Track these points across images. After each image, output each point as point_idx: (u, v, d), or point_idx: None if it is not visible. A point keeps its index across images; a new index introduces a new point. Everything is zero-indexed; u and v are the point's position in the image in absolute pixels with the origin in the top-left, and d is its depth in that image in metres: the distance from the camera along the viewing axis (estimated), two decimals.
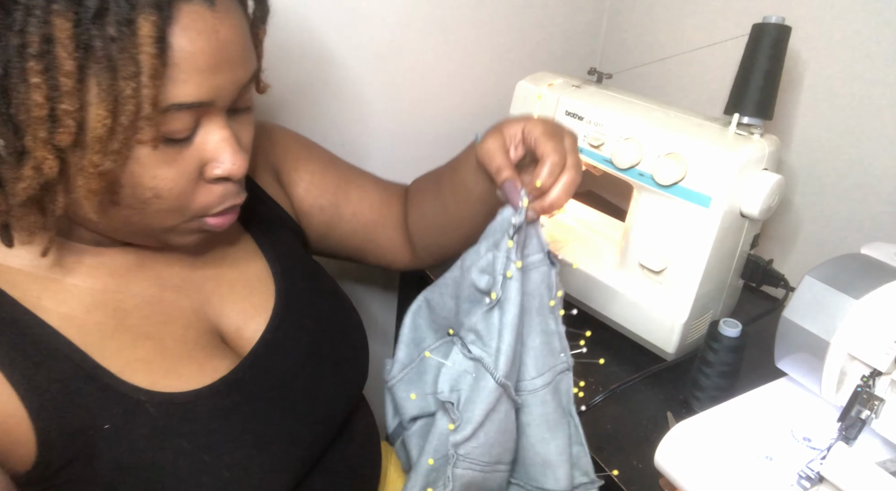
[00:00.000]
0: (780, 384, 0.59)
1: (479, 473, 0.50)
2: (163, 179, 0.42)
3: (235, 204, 0.48)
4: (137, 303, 0.49)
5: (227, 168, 0.44)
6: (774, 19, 0.63)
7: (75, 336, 0.44)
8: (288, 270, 0.59)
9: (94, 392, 0.43)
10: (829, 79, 0.77)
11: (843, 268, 0.51)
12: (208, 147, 0.44)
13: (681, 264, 0.68)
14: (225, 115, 0.44)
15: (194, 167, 0.44)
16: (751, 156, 0.62)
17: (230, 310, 0.54)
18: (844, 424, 0.47)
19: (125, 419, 0.43)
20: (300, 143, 0.69)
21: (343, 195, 0.69)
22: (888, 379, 0.46)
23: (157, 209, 0.43)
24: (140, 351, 0.46)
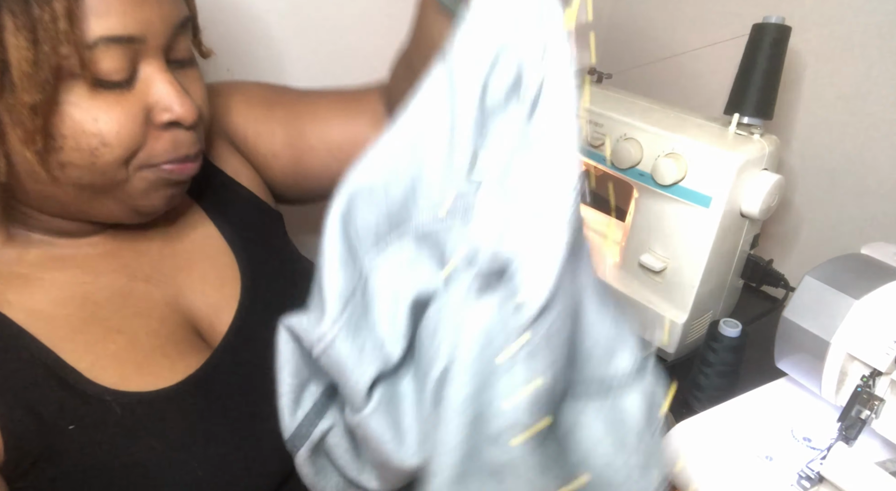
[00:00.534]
0: (780, 384, 0.59)
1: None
2: (106, 123, 0.40)
3: (189, 154, 0.46)
4: (108, 295, 0.47)
5: (177, 112, 0.43)
6: (774, 19, 0.63)
7: (42, 332, 0.43)
8: (254, 258, 0.57)
9: (59, 392, 0.42)
10: (829, 79, 0.77)
11: (843, 268, 0.51)
12: (151, 91, 0.42)
13: (681, 264, 0.68)
14: (163, 60, 0.43)
15: (138, 111, 0.42)
16: (751, 156, 0.62)
17: (202, 302, 0.53)
18: (844, 424, 0.47)
19: (90, 420, 0.42)
20: (239, 91, 0.62)
21: (303, 123, 0.61)
22: (888, 379, 0.46)
23: (107, 161, 0.41)
24: (111, 346, 0.45)
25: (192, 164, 0.47)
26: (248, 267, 0.56)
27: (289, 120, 0.62)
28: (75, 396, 0.43)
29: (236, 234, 0.57)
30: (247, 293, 0.54)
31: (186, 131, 0.45)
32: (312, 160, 0.62)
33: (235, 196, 0.59)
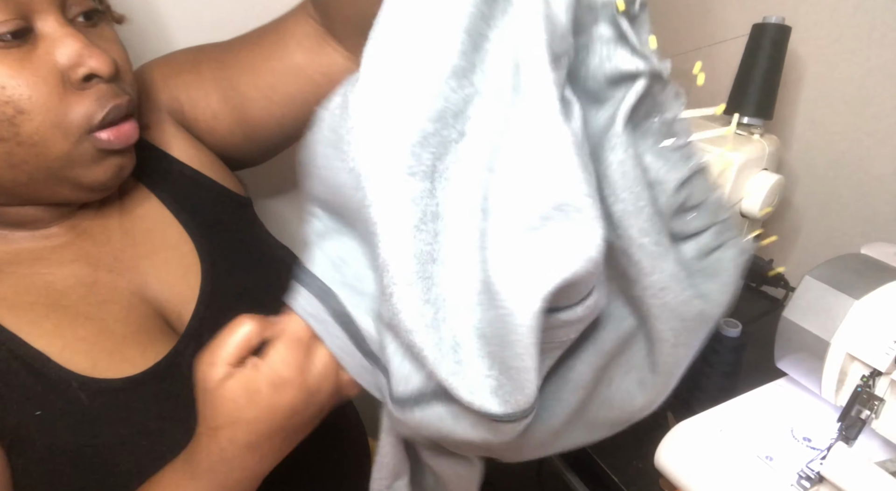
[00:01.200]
0: (780, 384, 0.59)
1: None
2: (15, 88, 0.39)
3: (118, 105, 0.44)
4: (71, 284, 0.47)
5: (91, 65, 0.41)
6: (774, 19, 0.63)
7: (6, 318, 0.43)
8: (216, 246, 0.56)
9: (24, 377, 0.42)
10: (829, 79, 0.77)
11: (843, 268, 0.51)
12: (57, 48, 0.41)
13: None
14: (59, 13, 0.41)
15: (48, 72, 0.40)
16: (751, 156, 0.63)
17: (168, 292, 0.52)
18: (844, 424, 0.47)
19: (56, 406, 0.42)
20: (162, 63, 0.59)
21: (233, 73, 0.57)
22: (888, 379, 0.46)
23: (31, 131, 0.40)
24: (80, 331, 0.45)
25: (127, 125, 0.45)
26: (209, 254, 0.55)
27: (217, 76, 0.57)
28: (41, 382, 0.42)
29: (195, 222, 0.55)
30: (208, 281, 0.53)
31: (108, 84, 0.43)
32: (253, 110, 0.57)
33: (194, 184, 0.57)
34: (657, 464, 0.53)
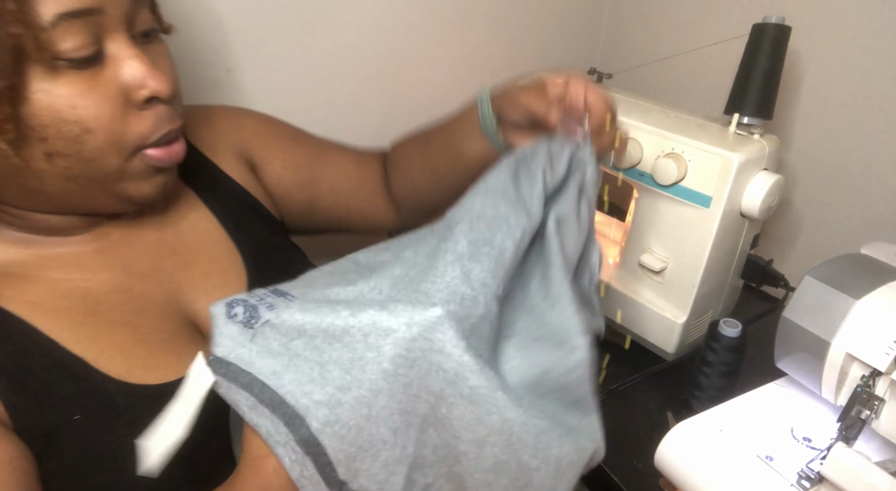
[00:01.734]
0: (780, 384, 0.59)
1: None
2: (84, 108, 0.40)
3: (172, 129, 0.46)
4: (106, 290, 0.47)
5: (153, 87, 0.43)
6: (774, 19, 0.63)
7: (43, 324, 0.43)
8: (259, 257, 0.57)
9: (64, 382, 0.42)
10: (829, 79, 0.77)
11: (843, 268, 0.51)
12: (123, 69, 0.42)
13: (681, 264, 0.68)
14: (127, 34, 0.43)
15: (115, 92, 0.42)
16: (751, 156, 0.62)
17: (205, 301, 0.52)
18: (844, 424, 0.47)
19: (95, 411, 0.42)
20: (267, 121, 0.67)
21: (319, 169, 0.67)
22: (888, 379, 0.46)
23: (92, 148, 0.41)
24: (116, 337, 0.45)
25: (177, 145, 0.47)
26: (255, 265, 0.56)
27: (313, 159, 0.67)
28: (80, 387, 0.43)
29: (241, 233, 0.57)
30: (252, 286, 0.54)
31: (166, 106, 0.45)
32: (324, 200, 0.68)
33: (243, 203, 0.60)
34: (657, 464, 0.53)
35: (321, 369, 0.36)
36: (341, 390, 0.35)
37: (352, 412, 0.35)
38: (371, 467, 0.36)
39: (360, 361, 0.36)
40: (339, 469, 0.35)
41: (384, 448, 0.36)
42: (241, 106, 0.68)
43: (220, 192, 0.59)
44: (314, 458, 0.35)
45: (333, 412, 0.35)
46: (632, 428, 0.64)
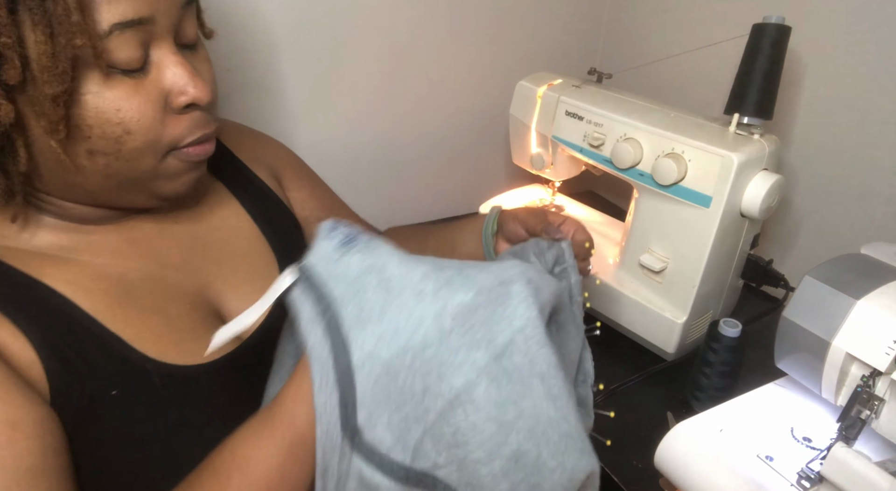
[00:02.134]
0: (780, 384, 0.59)
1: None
2: (128, 111, 0.42)
3: (206, 133, 0.48)
4: (139, 277, 0.49)
5: (193, 94, 0.45)
6: (774, 19, 0.63)
7: (83, 301, 0.45)
8: (292, 255, 0.59)
9: (102, 356, 0.44)
10: (829, 79, 0.77)
11: (843, 268, 0.51)
12: (166, 75, 0.44)
13: (681, 264, 0.68)
14: (173, 42, 0.44)
15: (157, 97, 0.44)
16: (751, 156, 0.62)
17: (233, 294, 0.54)
18: (844, 424, 0.47)
19: (132, 387, 0.44)
20: (300, 161, 0.71)
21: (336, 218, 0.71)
22: (888, 379, 0.46)
23: (131, 148, 0.43)
24: (149, 322, 0.47)
25: (208, 144, 0.49)
26: (287, 262, 0.58)
27: (325, 208, 0.70)
28: (118, 363, 0.44)
29: (273, 231, 0.60)
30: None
31: (202, 112, 0.47)
32: None
33: (274, 204, 0.63)
34: (657, 464, 0.53)
35: (382, 309, 0.37)
36: (393, 334, 0.36)
37: (395, 357, 0.36)
38: (391, 419, 0.36)
39: (420, 312, 0.36)
40: (361, 412, 0.35)
41: (410, 402, 0.36)
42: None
43: (253, 192, 0.61)
44: (342, 392, 0.35)
45: (377, 350, 0.36)
46: (632, 428, 0.64)
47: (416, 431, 0.36)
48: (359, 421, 0.36)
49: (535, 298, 0.38)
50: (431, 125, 0.99)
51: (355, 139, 0.92)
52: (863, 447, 0.49)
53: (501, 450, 0.36)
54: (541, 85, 0.81)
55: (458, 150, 1.04)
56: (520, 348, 0.36)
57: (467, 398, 0.36)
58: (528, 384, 0.36)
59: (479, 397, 0.35)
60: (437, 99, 0.97)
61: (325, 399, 0.36)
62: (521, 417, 0.36)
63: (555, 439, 0.37)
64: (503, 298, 0.37)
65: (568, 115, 0.76)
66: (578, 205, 0.95)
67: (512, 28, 0.98)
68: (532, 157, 0.86)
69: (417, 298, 0.37)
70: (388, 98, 0.92)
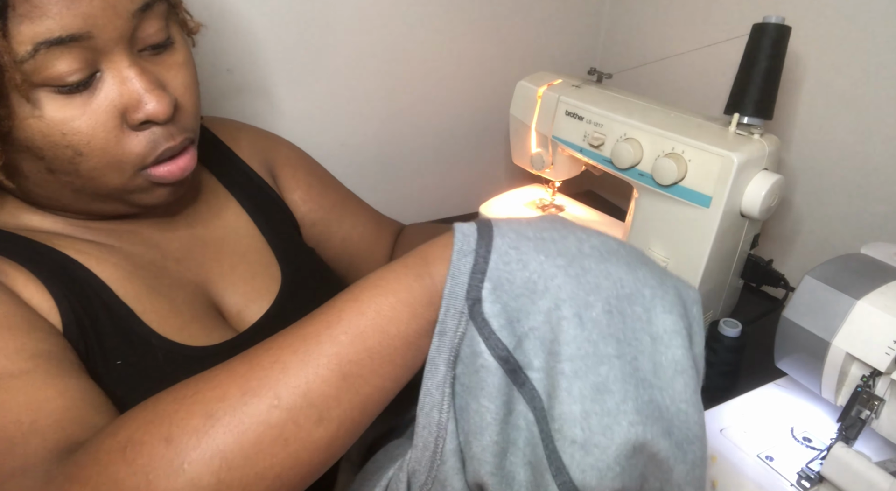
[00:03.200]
0: (780, 384, 0.59)
1: None
2: (74, 134, 0.39)
3: (171, 147, 0.44)
4: (144, 263, 0.49)
5: (148, 110, 0.41)
6: (774, 19, 0.63)
7: (97, 269, 0.45)
8: (291, 254, 0.59)
9: (111, 325, 0.43)
10: (829, 79, 0.77)
11: (843, 268, 0.51)
12: (117, 90, 0.40)
13: (681, 264, 0.68)
14: (128, 53, 0.41)
15: (108, 116, 0.40)
16: (751, 156, 0.62)
17: (232, 291, 0.54)
18: (844, 424, 0.47)
19: (135, 359, 0.43)
20: (302, 156, 0.70)
21: (337, 217, 0.69)
22: (888, 379, 0.46)
23: (89, 168, 0.41)
24: (155, 302, 0.47)
25: (183, 159, 0.46)
26: (286, 260, 0.58)
27: (335, 206, 0.69)
28: (125, 333, 0.44)
29: (271, 230, 0.60)
30: (287, 287, 0.56)
31: (164, 127, 0.43)
32: (331, 248, 0.69)
33: (270, 200, 0.63)
34: None
35: (538, 228, 0.37)
36: (539, 235, 0.36)
37: (531, 250, 0.35)
38: (508, 303, 0.35)
39: (576, 238, 0.37)
40: (487, 284, 0.35)
41: (528, 296, 0.35)
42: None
43: (251, 191, 0.61)
44: (476, 259, 0.35)
45: (518, 240, 0.36)
46: None
47: (525, 325, 0.35)
48: (483, 292, 0.35)
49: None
50: (431, 125, 0.99)
51: (355, 139, 0.92)
52: (863, 447, 0.49)
53: (587, 376, 0.35)
54: (541, 85, 0.81)
55: (458, 150, 1.04)
56: (646, 306, 0.37)
57: (578, 314, 0.35)
58: (638, 336, 0.36)
59: (588, 319, 0.35)
60: (437, 99, 0.97)
61: (460, 259, 0.35)
62: (619, 358, 0.35)
63: (642, 397, 0.36)
64: (664, 289, 0.37)
65: (568, 115, 0.76)
66: (578, 205, 0.95)
67: (512, 28, 0.98)
68: (532, 157, 0.86)
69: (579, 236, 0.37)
70: (387, 98, 0.92)
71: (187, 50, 0.46)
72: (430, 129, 0.99)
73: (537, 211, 0.91)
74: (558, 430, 0.34)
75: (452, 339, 0.35)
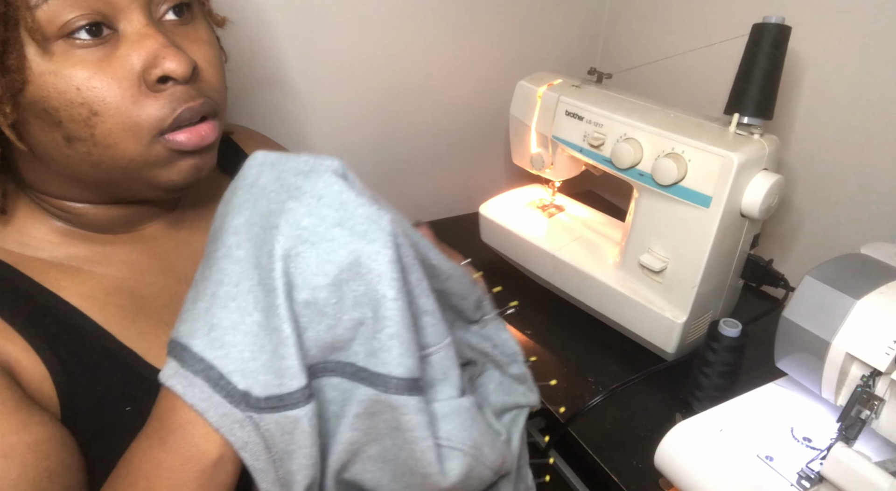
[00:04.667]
0: (780, 384, 0.59)
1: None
2: (89, 90, 0.39)
3: (190, 106, 0.43)
4: (154, 292, 0.48)
5: (166, 66, 0.40)
6: (774, 19, 0.63)
7: (98, 316, 0.44)
8: None
9: (116, 371, 0.43)
10: (829, 79, 0.77)
11: (843, 268, 0.51)
12: (134, 49, 0.40)
13: (681, 264, 0.68)
14: (146, 13, 0.41)
15: (125, 74, 0.40)
16: (751, 156, 0.62)
17: None
18: (844, 424, 0.47)
19: (145, 402, 0.43)
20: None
21: None
22: (888, 379, 0.46)
23: (103, 131, 0.40)
24: (163, 337, 0.46)
25: (204, 126, 0.44)
26: None
27: None
28: (132, 378, 0.43)
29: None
30: None
31: (183, 87, 0.43)
32: None
33: None
34: (657, 464, 0.53)
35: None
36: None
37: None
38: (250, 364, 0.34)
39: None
40: (234, 378, 0.33)
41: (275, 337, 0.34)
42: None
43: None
44: (205, 375, 0.33)
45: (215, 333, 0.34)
46: (632, 428, 0.64)
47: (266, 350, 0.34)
48: (239, 387, 0.33)
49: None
50: (431, 125, 0.99)
51: (355, 139, 0.92)
52: (863, 447, 0.49)
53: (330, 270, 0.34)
54: (541, 85, 0.81)
55: (458, 150, 1.04)
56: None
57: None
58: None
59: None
60: (437, 99, 0.97)
61: (203, 398, 0.34)
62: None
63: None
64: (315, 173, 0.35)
65: (568, 115, 0.76)
66: (578, 205, 0.95)
67: (512, 28, 0.98)
68: (532, 157, 0.86)
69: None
70: (387, 98, 0.92)
71: (211, 32, 0.46)
72: (430, 128, 0.99)
73: (537, 211, 0.91)
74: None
75: (257, 447, 0.34)
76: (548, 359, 0.74)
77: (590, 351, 0.75)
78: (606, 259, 0.79)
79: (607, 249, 0.82)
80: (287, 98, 0.84)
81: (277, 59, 0.80)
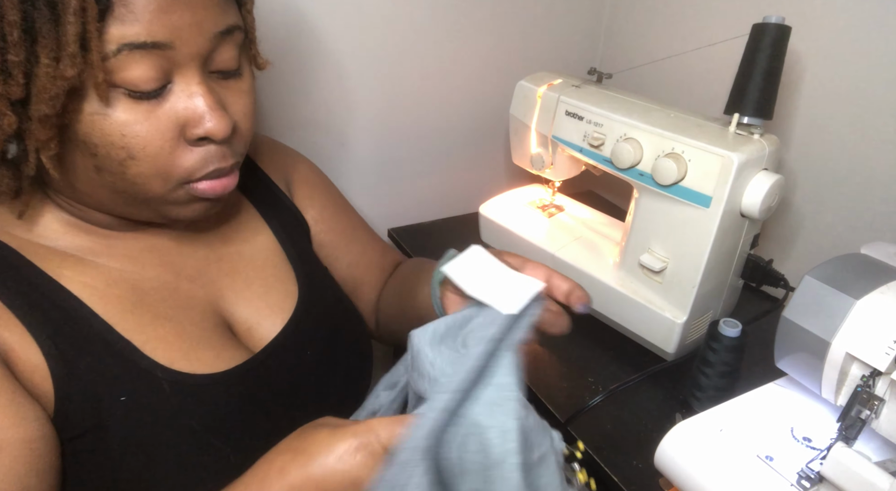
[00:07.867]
0: (780, 384, 0.59)
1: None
2: (133, 137, 0.40)
3: (221, 167, 0.46)
4: (154, 286, 0.49)
5: (208, 127, 0.42)
6: (774, 19, 0.63)
7: (97, 305, 0.45)
8: (309, 273, 0.59)
9: (113, 361, 0.44)
10: (829, 79, 0.77)
11: (843, 268, 0.51)
12: (182, 104, 0.42)
13: (681, 264, 0.68)
14: (201, 71, 0.42)
15: (169, 126, 0.42)
16: (751, 156, 0.62)
17: (244, 307, 0.54)
18: (844, 424, 0.47)
19: (141, 393, 0.44)
20: (321, 178, 0.70)
21: (346, 242, 0.69)
22: (888, 379, 0.46)
23: (136, 173, 0.42)
24: (160, 330, 0.47)
25: (227, 179, 0.47)
26: (305, 278, 0.59)
27: (346, 230, 0.69)
28: (129, 369, 0.44)
29: (293, 248, 0.60)
30: (302, 306, 0.56)
31: (218, 146, 0.45)
32: (335, 272, 0.67)
33: (293, 216, 0.63)
34: (657, 464, 0.53)
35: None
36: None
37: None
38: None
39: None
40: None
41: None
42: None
43: (272, 203, 0.61)
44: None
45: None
46: (632, 428, 0.64)
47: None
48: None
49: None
50: (431, 125, 0.99)
51: (355, 139, 0.92)
52: (863, 447, 0.49)
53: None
54: (541, 85, 0.81)
55: (458, 150, 1.04)
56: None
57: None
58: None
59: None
60: (437, 99, 0.97)
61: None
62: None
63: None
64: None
65: (568, 115, 0.76)
66: (578, 205, 0.95)
67: (512, 28, 0.98)
68: (532, 157, 0.86)
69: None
70: (387, 98, 0.92)
71: (252, 80, 0.48)
72: (430, 129, 0.99)
73: (537, 211, 0.91)
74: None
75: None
76: (548, 359, 0.74)
77: (590, 351, 0.75)
78: (606, 259, 0.79)
79: (607, 249, 0.82)
80: (286, 99, 0.84)
81: (275, 59, 0.80)
